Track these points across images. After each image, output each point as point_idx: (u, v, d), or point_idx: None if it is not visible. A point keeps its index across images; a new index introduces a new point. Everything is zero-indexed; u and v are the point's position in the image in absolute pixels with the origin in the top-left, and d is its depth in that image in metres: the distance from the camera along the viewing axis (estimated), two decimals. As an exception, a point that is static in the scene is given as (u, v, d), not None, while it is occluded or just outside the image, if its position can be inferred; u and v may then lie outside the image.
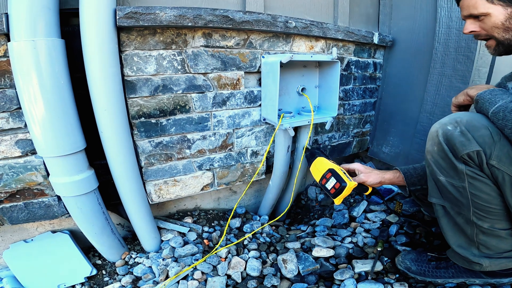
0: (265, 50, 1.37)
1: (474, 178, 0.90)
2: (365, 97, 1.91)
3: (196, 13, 1.11)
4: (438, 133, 0.93)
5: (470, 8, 0.95)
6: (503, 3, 0.90)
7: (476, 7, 0.94)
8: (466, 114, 0.92)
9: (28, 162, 1.07)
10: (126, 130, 1.11)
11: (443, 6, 1.52)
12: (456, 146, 0.89)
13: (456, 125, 0.90)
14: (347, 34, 1.59)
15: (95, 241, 1.25)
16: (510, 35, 0.92)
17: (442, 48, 1.55)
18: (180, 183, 1.36)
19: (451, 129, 0.90)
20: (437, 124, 0.95)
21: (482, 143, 0.85)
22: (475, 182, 0.90)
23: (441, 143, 0.93)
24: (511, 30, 0.92)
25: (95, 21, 0.95)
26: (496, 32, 0.94)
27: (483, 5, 0.92)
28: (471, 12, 0.96)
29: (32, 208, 1.14)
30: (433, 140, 0.96)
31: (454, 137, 0.89)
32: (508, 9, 0.90)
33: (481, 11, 0.93)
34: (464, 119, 0.89)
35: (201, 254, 1.32)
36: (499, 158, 0.84)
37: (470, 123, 0.88)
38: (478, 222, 0.94)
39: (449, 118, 0.93)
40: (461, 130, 0.88)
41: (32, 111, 0.93)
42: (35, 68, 0.89)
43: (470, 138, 0.86)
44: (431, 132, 0.97)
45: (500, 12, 0.91)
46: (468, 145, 0.86)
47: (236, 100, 1.37)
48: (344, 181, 1.11)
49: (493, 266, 0.99)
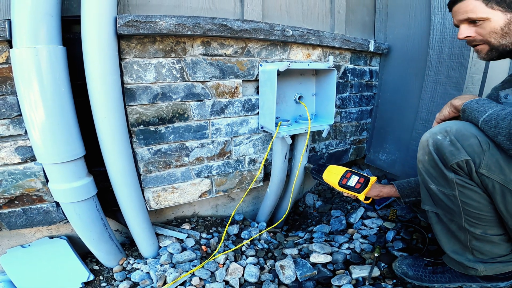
0: (263, 58, 1.39)
1: (464, 187, 0.91)
2: (361, 105, 1.93)
3: (195, 22, 1.13)
4: (429, 143, 0.94)
5: (468, 13, 0.96)
6: (502, 8, 0.90)
7: (475, 12, 0.94)
8: (456, 123, 0.93)
9: (27, 169, 1.07)
10: (125, 137, 1.12)
11: (436, 13, 1.54)
12: (446, 155, 0.90)
13: (445, 135, 0.91)
14: (343, 42, 1.62)
15: (93, 247, 1.25)
16: (507, 40, 0.93)
17: (436, 55, 1.57)
18: (178, 190, 1.37)
19: (441, 138, 0.91)
20: (427, 134, 0.96)
21: (471, 152, 0.86)
22: (465, 191, 0.91)
23: (431, 153, 0.94)
24: (508, 36, 0.92)
25: (96, 28, 0.96)
26: (493, 38, 0.94)
27: (483, 9, 0.92)
28: (469, 16, 0.96)
29: (31, 214, 1.15)
30: (424, 149, 0.97)
31: (443, 147, 0.90)
32: (507, 15, 0.90)
33: (480, 15, 0.93)
34: (453, 128, 0.90)
35: (199, 260, 1.32)
36: (488, 167, 0.85)
37: (460, 132, 0.89)
38: (471, 228, 0.96)
39: (439, 128, 0.94)
40: (450, 140, 0.89)
41: (33, 118, 0.94)
42: (36, 75, 0.91)
43: (459, 147, 0.88)
44: (422, 141, 0.98)
45: (499, 17, 0.91)
46: (458, 154, 0.88)
47: (234, 108, 1.38)
48: (366, 176, 1.27)
49: (488, 270, 1.00)
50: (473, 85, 1.51)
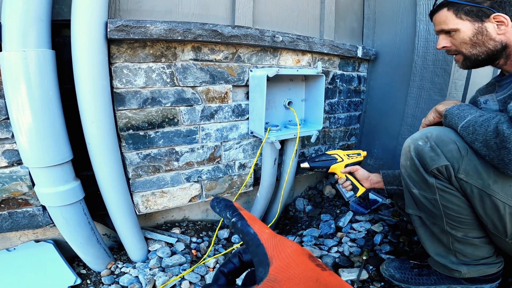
0: (253, 64, 1.41)
1: (444, 191, 0.93)
2: (350, 110, 1.96)
3: (186, 27, 1.14)
4: (410, 148, 0.97)
5: (441, 24, 0.99)
6: (470, 18, 0.93)
7: (447, 23, 0.97)
8: (436, 129, 0.95)
9: (13, 172, 1.06)
10: (114, 142, 1.12)
11: (421, 19, 1.58)
12: (426, 161, 0.92)
13: (426, 140, 0.93)
14: (332, 48, 1.65)
15: (80, 251, 1.23)
16: (477, 50, 0.96)
17: (421, 61, 1.61)
18: (168, 195, 1.37)
19: (421, 144, 0.94)
20: (409, 139, 0.99)
21: (451, 157, 0.89)
22: (445, 195, 0.94)
23: (413, 158, 0.96)
24: (478, 45, 0.95)
25: (86, 32, 0.96)
26: (464, 48, 0.97)
27: (453, 20, 0.95)
28: (442, 28, 0.99)
29: (16, 217, 1.13)
30: (406, 155, 1.00)
31: (424, 152, 0.93)
32: (475, 25, 0.93)
33: (451, 26, 0.96)
34: (434, 134, 0.93)
35: (189, 264, 1.32)
36: (466, 172, 0.88)
37: (439, 138, 0.91)
38: (452, 231, 0.98)
39: (420, 133, 0.97)
40: (431, 145, 0.92)
41: (20, 122, 0.94)
42: (24, 78, 0.90)
43: (439, 153, 0.90)
44: (404, 147, 1.01)
45: (468, 27, 0.94)
46: (437, 159, 0.90)
47: (224, 113, 1.39)
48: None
49: (471, 272, 1.02)
50: (456, 91, 1.55)
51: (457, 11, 0.95)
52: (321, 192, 2.10)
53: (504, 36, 0.93)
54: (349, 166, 1.37)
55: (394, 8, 1.76)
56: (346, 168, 1.36)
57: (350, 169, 1.37)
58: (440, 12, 0.99)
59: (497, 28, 0.92)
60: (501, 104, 0.94)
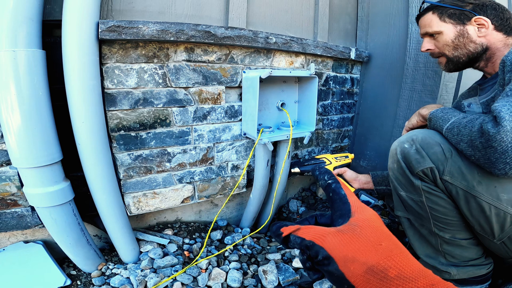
0: (246, 65, 1.41)
1: (430, 193, 0.94)
2: (343, 112, 1.97)
3: (179, 28, 1.14)
4: (397, 151, 0.98)
5: (426, 27, 1.02)
6: (453, 21, 0.96)
7: (431, 26, 1.00)
8: (422, 131, 0.97)
9: (2, 173, 1.05)
10: (104, 142, 1.11)
11: (413, 22, 1.59)
12: (412, 163, 0.94)
13: (412, 143, 0.95)
14: (325, 49, 1.65)
15: (70, 252, 1.22)
16: (459, 52, 0.98)
17: (413, 63, 1.62)
18: (160, 196, 1.36)
19: (407, 147, 0.95)
20: (396, 142, 1.00)
21: (435, 160, 0.90)
22: (431, 197, 0.95)
23: (399, 161, 0.98)
24: (459, 47, 0.98)
25: (77, 33, 0.96)
26: (447, 50, 1.00)
27: (437, 23, 0.98)
28: (426, 31, 1.02)
29: (5, 218, 1.12)
30: (393, 157, 1.01)
31: (410, 155, 0.94)
32: (457, 27, 0.96)
33: (435, 29, 0.99)
34: (419, 137, 0.94)
35: (181, 266, 1.31)
36: (451, 174, 0.89)
37: (425, 140, 0.93)
38: (440, 233, 0.99)
39: (406, 136, 0.98)
40: (416, 148, 0.93)
41: (9, 122, 0.92)
42: (14, 78, 0.89)
43: (424, 155, 0.91)
44: (391, 150, 1.02)
45: (450, 30, 0.97)
46: (422, 162, 0.91)
47: (217, 115, 1.39)
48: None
49: (461, 274, 1.03)
50: (447, 93, 1.56)
51: (441, 14, 0.98)
52: (314, 193, 2.10)
53: (485, 39, 0.95)
54: (337, 168, 1.41)
55: (387, 10, 1.77)
56: (334, 171, 1.41)
57: (338, 171, 1.42)
58: (425, 16, 1.02)
59: (477, 31, 0.95)
60: (484, 107, 0.96)
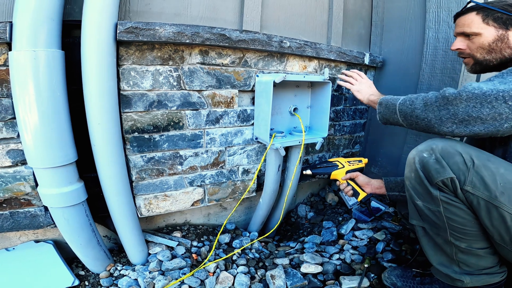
0: (260, 69, 1.41)
1: (448, 203, 0.93)
2: (355, 118, 1.95)
3: (194, 31, 1.14)
4: (415, 160, 0.96)
5: (464, 26, 1.00)
6: (497, 25, 0.95)
7: (470, 26, 0.98)
8: (441, 140, 0.95)
9: (17, 172, 1.06)
10: (118, 144, 1.11)
11: (431, 27, 1.57)
12: (432, 173, 0.92)
13: (431, 152, 0.93)
14: (339, 54, 1.64)
15: (80, 252, 1.23)
16: (492, 56, 0.97)
17: (429, 69, 1.60)
18: (171, 198, 1.36)
19: (426, 156, 0.93)
20: (414, 151, 0.99)
21: (456, 170, 0.88)
22: (450, 207, 0.93)
23: (417, 170, 0.96)
24: (494, 52, 0.97)
25: (96, 33, 0.96)
26: (479, 53, 0.99)
27: (478, 25, 0.97)
28: (464, 30, 1.00)
29: (18, 218, 1.13)
30: (411, 166, 0.99)
31: (429, 164, 0.92)
32: (499, 31, 0.94)
33: (474, 30, 0.98)
34: (439, 146, 0.93)
35: (189, 268, 1.31)
36: (473, 184, 0.87)
37: (445, 150, 0.91)
38: (456, 242, 0.97)
39: (425, 145, 0.96)
40: (436, 157, 0.91)
41: (26, 122, 0.93)
42: (33, 78, 0.90)
43: (445, 165, 0.89)
44: (409, 158, 1.00)
45: (491, 33, 0.95)
46: (443, 172, 0.89)
47: (229, 119, 1.39)
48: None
49: (474, 282, 1.01)
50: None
51: (486, 16, 0.97)
52: (323, 199, 2.09)
53: None
54: (350, 172, 1.40)
55: (403, 15, 1.75)
56: (347, 175, 1.39)
57: (351, 175, 1.39)
58: (467, 15, 1.01)
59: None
60: None
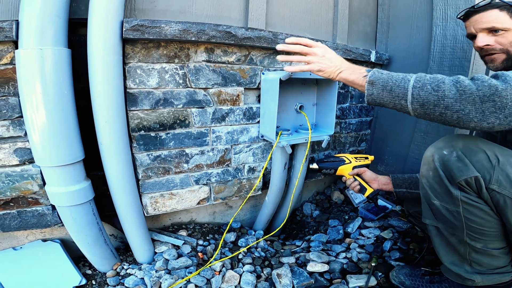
0: (265, 66, 1.40)
1: (469, 204, 0.89)
2: (361, 116, 1.94)
3: (200, 28, 1.14)
4: (434, 158, 0.92)
5: (492, 22, 0.99)
6: None
7: (500, 22, 0.98)
8: (462, 137, 0.92)
9: (25, 171, 1.06)
10: (125, 142, 1.11)
11: (438, 24, 1.56)
12: (453, 171, 0.87)
13: (452, 150, 0.88)
14: (345, 52, 1.63)
15: (87, 251, 1.23)
16: None
17: (437, 66, 1.58)
18: (177, 197, 1.36)
19: (447, 153, 0.89)
20: (432, 148, 0.94)
21: (480, 168, 0.84)
22: (470, 208, 0.90)
23: (437, 169, 0.91)
24: None
25: (102, 31, 0.96)
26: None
27: (507, 20, 0.97)
28: (493, 26, 0.99)
29: (25, 217, 1.13)
30: (429, 165, 0.95)
31: (450, 163, 0.88)
32: None
33: (505, 26, 0.97)
34: (460, 142, 0.89)
35: (195, 267, 1.30)
36: (499, 182, 0.83)
37: (467, 147, 0.87)
38: (472, 242, 0.95)
39: (444, 142, 0.93)
40: (457, 155, 0.87)
41: (33, 120, 0.93)
42: (40, 77, 0.90)
43: (468, 163, 0.85)
44: (426, 156, 0.96)
45: None
46: (466, 170, 0.85)
47: (235, 116, 1.38)
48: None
49: (485, 281, 1.00)
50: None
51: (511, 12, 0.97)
52: (329, 197, 2.07)
53: None
54: (356, 168, 1.38)
55: (409, 13, 1.74)
56: (353, 170, 1.38)
57: (358, 171, 1.38)
58: (488, 12, 1.00)
59: None
60: None
